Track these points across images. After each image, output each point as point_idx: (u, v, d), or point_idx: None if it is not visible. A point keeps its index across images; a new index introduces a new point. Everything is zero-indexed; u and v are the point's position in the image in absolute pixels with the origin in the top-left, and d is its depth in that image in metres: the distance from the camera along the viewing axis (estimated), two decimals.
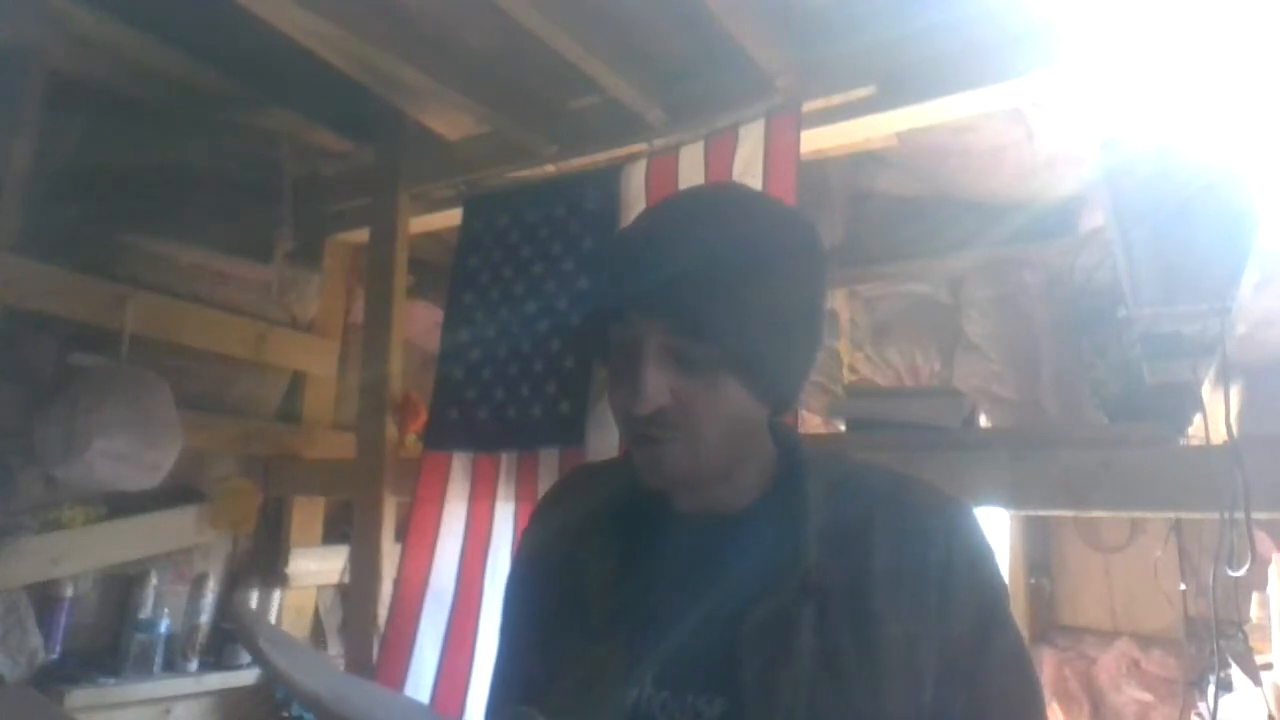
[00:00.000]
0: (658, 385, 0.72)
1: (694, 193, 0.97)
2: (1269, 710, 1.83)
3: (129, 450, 1.90)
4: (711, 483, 0.79)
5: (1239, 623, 1.82)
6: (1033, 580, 2.88)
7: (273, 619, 2.39)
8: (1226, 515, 1.27)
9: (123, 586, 2.14)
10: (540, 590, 0.87)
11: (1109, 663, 2.65)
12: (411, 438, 2.24)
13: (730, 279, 0.72)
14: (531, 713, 0.61)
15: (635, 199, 1.86)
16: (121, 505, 2.10)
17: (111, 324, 2.04)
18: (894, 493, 0.80)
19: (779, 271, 0.75)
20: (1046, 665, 2.76)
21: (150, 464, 1.96)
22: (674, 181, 1.80)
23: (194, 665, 2.17)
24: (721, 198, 0.84)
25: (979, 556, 0.77)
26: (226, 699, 2.22)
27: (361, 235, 2.46)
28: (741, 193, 0.87)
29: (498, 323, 1.96)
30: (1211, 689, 1.65)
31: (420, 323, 2.60)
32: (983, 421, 2.21)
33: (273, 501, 2.45)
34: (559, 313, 1.87)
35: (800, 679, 0.70)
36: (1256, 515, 1.25)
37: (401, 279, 2.28)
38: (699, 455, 0.75)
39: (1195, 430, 1.42)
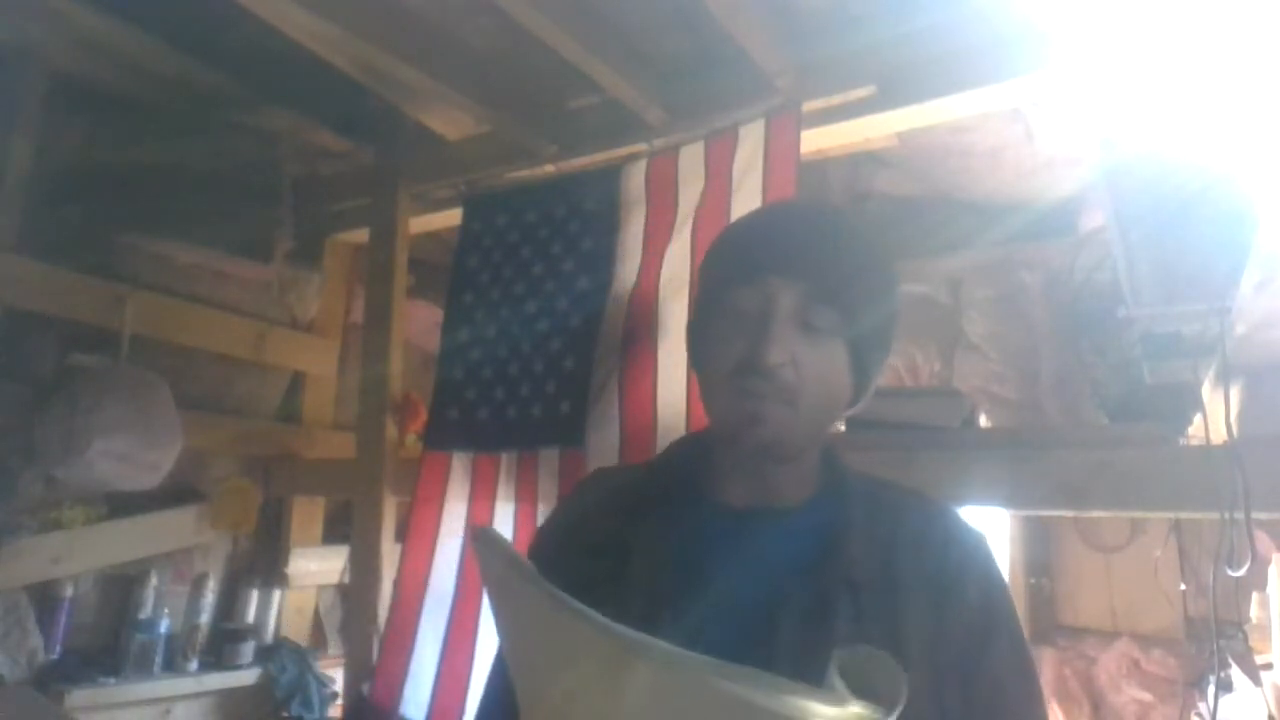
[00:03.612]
0: (785, 339, 0.78)
1: (816, 201, 1.08)
2: (1269, 710, 1.83)
3: (129, 450, 1.90)
4: (791, 457, 0.83)
5: (1239, 623, 1.82)
6: (1033, 580, 2.88)
7: (272, 619, 2.40)
8: (1226, 515, 1.27)
9: (123, 586, 2.14)
10: (572, 574, 0.87)
11: (1109, 663, 2.65)
12: (411, 438, 2.24)
13: (856, 256, 0.84)
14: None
15: (635, 199, 1.86)
16: (121, 505, 2.10)
17: (111, 324, 2.04)
18: (909, 502, 0.88)
19: (885, 265, 0.87)
20: (1046, 665, 2.76)
21: (150, 464, 1.96)
22: (674, 182, 1.80)
23: (194, 665, 2.17)
24: (844, 212, 0.97)
25: (988, 564, 0.83)
26: (226, 699, 2.22)
27: (361, 235, 2.46)
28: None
29: (498, 323, 1.96)
30: (1211, 689, 1.65)
31: (420, 323, 2.60)
32: (983, 421, 2.20)
33: (273, 501, 2.45)
34: (559, 313, 1.87)
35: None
36: (1256, 515, 1.25)
37: (401, 279, 2.28)
38: (797, 421, 0.80)
39: (1195, 430, 1.42)
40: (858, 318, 0.81)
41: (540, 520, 1.69)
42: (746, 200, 1.66)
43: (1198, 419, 1.40)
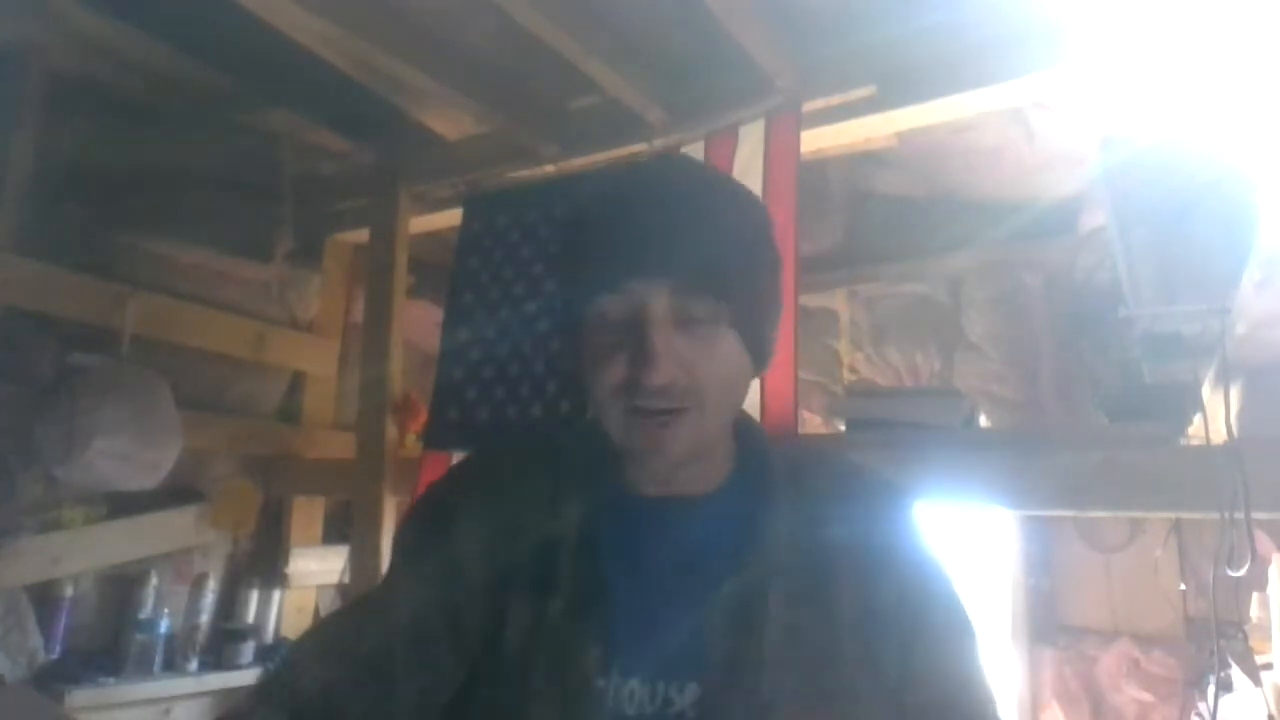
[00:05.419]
0: (669, 351, 0.70)
1: (654, 165, 0.99)
2: (1269, 710, 1.83)
3: (129, 450, 1.90)
4: (703, 455, 0.78)
5: (1239, 623, 1.82)
6: (1032, 580, 2.88)
7: (272, 619, 2.40)
8: (1226, 515, 1.27)
9: (123, 586, 2.14)
10: (470, 563, 0.79)
11: (1109, 663, 2.65)
12: (411, 438, 2.24)
13: (724, 231, 0.74)
14: None
15: None
16: (121, 505, 2.10)
17: (111, 324, 2.04)
18: (844, 479, 0.84)
19: (755, 226, 0.78)
20: (1046, 665, 2.76)
21: (150, 464, 1.96)
22: None
23: (194, 665, 2.17)
24: (684, 166, 0.87)
25: (915, 532, 0.81)
26: (226, 699, 2.21)
27: (361, 235, 2.46)
28: (697, 163, 0.88)
29: (498, 323, 1.96)
30: (1211, 689, 1.65)
31: (420, 323, 2.60)
32: (983, 421, 2.20)
33: (273, 501, 2.45)
34: (559, 313, 1.87)
35: (765, 656, 0.70)
36: (1256, 515, 1.25)
37: (401, 279, 2.28)
38: (704, 425, 0.74)
39: (1195, 430, 1.42)
40: (737, 294, 0.72)
41: None
42: None
43: (1198, 419, 1.40)
